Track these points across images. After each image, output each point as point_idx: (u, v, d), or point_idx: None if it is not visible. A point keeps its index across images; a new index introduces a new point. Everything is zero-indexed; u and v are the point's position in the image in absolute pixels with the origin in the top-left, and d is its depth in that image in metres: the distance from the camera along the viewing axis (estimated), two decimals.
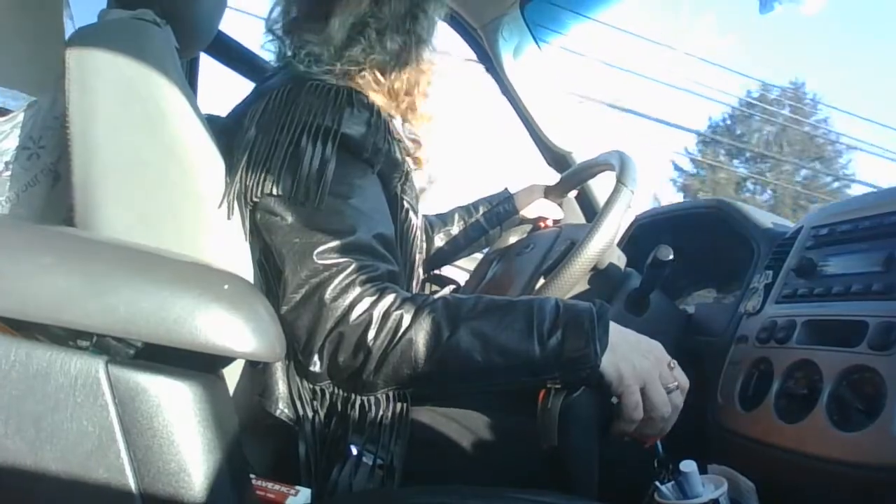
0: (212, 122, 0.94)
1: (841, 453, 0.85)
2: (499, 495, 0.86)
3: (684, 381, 0.87)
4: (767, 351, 1.01)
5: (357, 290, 0.81)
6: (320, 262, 0.81)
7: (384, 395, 0.87)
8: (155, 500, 0.56)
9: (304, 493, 0.77)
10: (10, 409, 0.56)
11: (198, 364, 0.61)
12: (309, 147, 0.85)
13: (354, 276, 0.81)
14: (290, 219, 0.84)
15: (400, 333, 0.80)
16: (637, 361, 0.84)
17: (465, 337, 0.80)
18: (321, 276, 0.81)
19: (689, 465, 0.85)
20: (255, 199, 0.86)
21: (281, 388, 0.86)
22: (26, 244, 0.62)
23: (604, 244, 1.06)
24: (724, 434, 1.04)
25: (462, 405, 0.96)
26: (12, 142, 0.84)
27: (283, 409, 0.85)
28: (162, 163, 0.81)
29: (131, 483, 0.56)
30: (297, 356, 0.84)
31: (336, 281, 0.80)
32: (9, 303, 0.58)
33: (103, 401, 0.56)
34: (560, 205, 1.52)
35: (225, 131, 0.93)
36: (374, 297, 0.81)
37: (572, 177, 1.47)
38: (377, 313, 0.80)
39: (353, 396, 0.87)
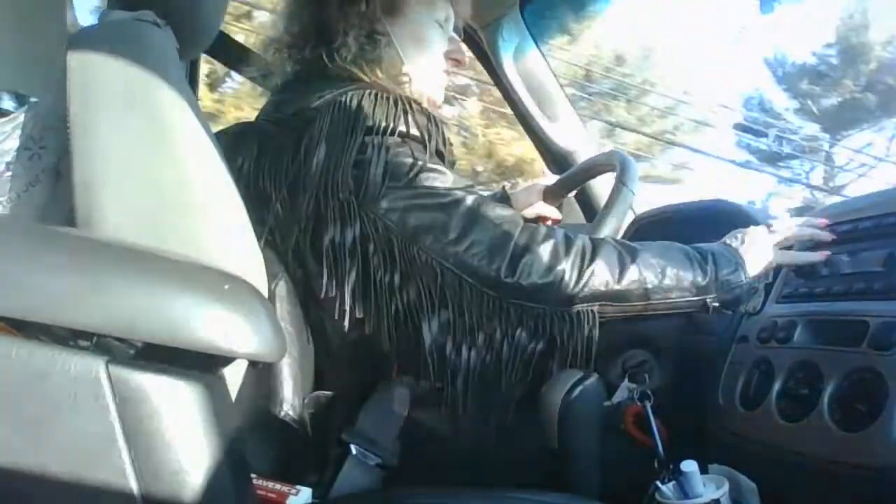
0: (243, 128, 1.00)
1: (842, 454, 0.85)
2: (499, 495, 0.86)
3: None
4: (768, 351, 1.01)
5: (516, 215, 0.96)
6: (469, 196, 0.92)
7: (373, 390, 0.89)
8: (156, 499, 0.56)
9: (305, 492, 0.77)
10: (10, 409, 0.56)
11: (199, 364, 0.61)
12: (391, 144, 0.91)
13: (507, 209, 0.96)
14: (408, 195, 0.91)
15: (588, 255, 0.92)
16: (768, 252, 1.02)
17: (645, 262, 0.94)
18: (475, 202, 0.92)
19: (690, 466, 0.85)
20: (356, 194, 0.90)
21: (287, 390, 0.86)
22: (26, 244, 0.62)
23: None
24: (725, 434, 1.04)
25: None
26: (13, 142, 0.84)
27: (287, 411, 0.86)
28: (163, 163, 0.81)
29: (132, 483, 0.56)
30: (489, 280, 0.90)
31: (492, 204, 0.93)
32: (9, 303, 0.58)
33: (104, 401, 0.56)
34: (560, 206, 1.52)
35: (259, 135, 0.97)
36: (546, 228, 0.94)
37: (572, 177, 1.47)
38: (560, 237, 0.93)
39: (342, 392, 0.89)
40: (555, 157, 1.74)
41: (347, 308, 0.91)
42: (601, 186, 1.60)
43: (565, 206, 1.57)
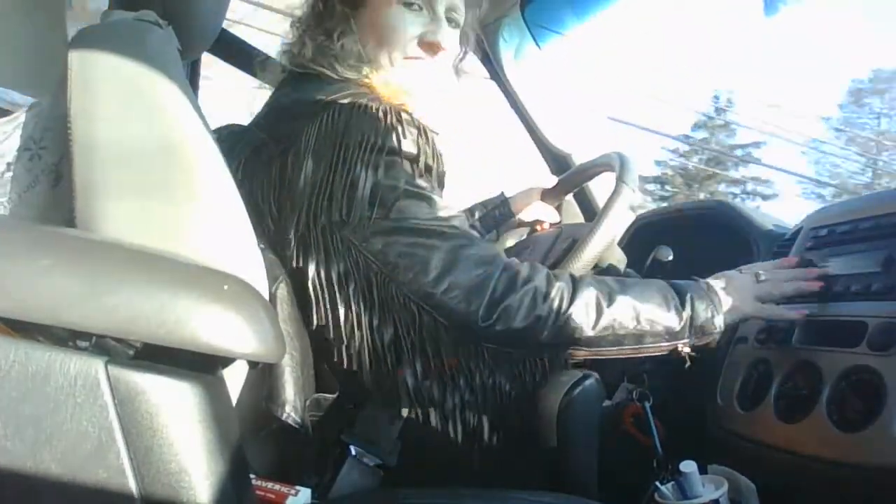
0: (233, 130, 0.96)
1: (840, 454, 0.85)
2: (499, 495, 0.86)
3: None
4: (767, 351, 1.01)
5: (499, 255, 0.91)
6: (450, 232, 0.89)
7: (372, 389, 0.92)
8: (155, 500, 0.56)
9: (305, 493, 0.77)
10: (9, 410, 0.56)
11: (198, 365, 0.61)
12: (369, 163, 0.88)
13: (485, 243, 0.93)
14: (389, 227, 0.88)
15: (566, 301, 0.89)
16: (748, 304, 0.98)
17: (621, 307, 0.91)
18: (456, 241, 0.89)
19: (689, 466, 0.85)
20: (341, 219, 0.88)
21: (288, 392, 0.86)
22: (26, 245, 0.62)
23: (604, 243, 1.06)
24: (724, 435, 1.04)
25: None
26: (14, 143, 0.84)
27: (289, 413, 0.86)
28: (164, 164, 0.81)
29: (131, 484, 0.56)
30: (470, 325, 0.88)
31: (474, 246, 0.90)
32: (8, 303, 0.58)
33: (103, 401, 0.56)
34: (559, 207, 1.52)
35: (248, 140, 0.96)
36: (527, 266, 0.91)
37: (571, 178, 1.47)
38: (540, 281, 0.90)
39: (342, 392, 0.90)
40: (555, 158, 1.74)
41: (343, 335, 0.91)
42: (601, 187, 1.59)
43: (565, 206, 1.57)
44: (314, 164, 0.89)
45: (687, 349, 0.95)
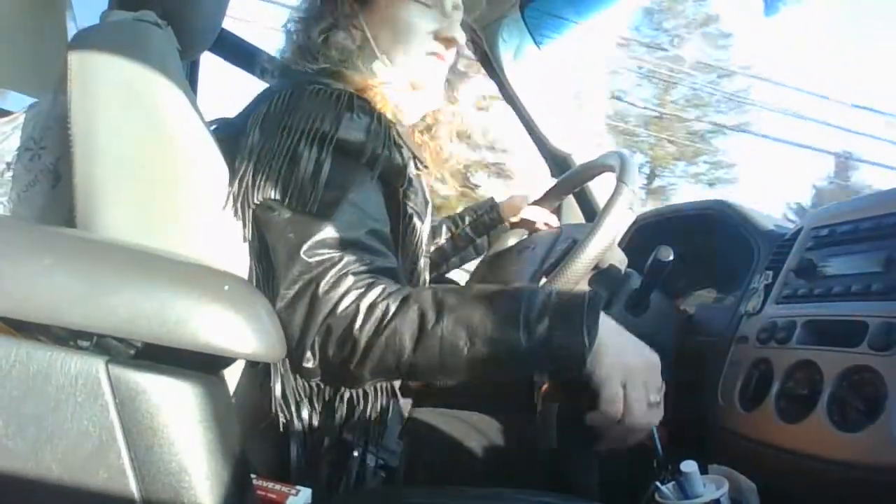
0: (221, 124, 0.95)
1: (841, 454, 0.85)
2: (498, 496, 0.86)
3: (658, 410, 0.85)
4: (768, 351, 1.01)
5: (347, 283, 0.80)
6: (312, 259, 0.80)
7: (372, 389, 0.88)
8: (156, 500, 0.56)
9: (305, 493, 0.77)
10: (10, 409, 0.56)
11: (198, 364, 0.61)
12: (306, 151, 0.85)
13: (345, 270, 0.80)
14: (285, 219, 0.84)
15: (385, 323, 0.78)
16: (627, 359, 0.82)
17: (450, 325, 0.77)
18: (314, 272, 0.80)
19: (689, 466, 0.85)
20: (256, 202, 0.85)
21: (277, 388, 0.86)
22: (27, 245, 0.63)
23: (605, 244, 1.05)
24: (725, 434, 1.04)
25: (462, 405, 0.96)
26: (14, 143, 0.85)
27: (287, 412, 0.86)
28: (163, 164, 0.81)
29: (132, 483, 0.56)
30: (291, 353, 0.81)
31: (328, 275, 0.80)
32: (9, 303, 0.58)
33: (104, 401, 0.56)
34: (559, 207, 1.52)
35: (232, 133, 0.93)
36: (361, 290, 0.80)
37: (571, 179, 1.47)
38: (364, 304, 0.79)
39: (342, 391, 0.87)
40: (554, 159, 1.74)
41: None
42: (601, 187, 1.60)
43: (565, 206, 1.57)
44: (260, 139, 0.87)
45: (546, 386, 0.83)
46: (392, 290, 0.81)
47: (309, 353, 0.79)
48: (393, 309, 0.79)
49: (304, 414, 0.86)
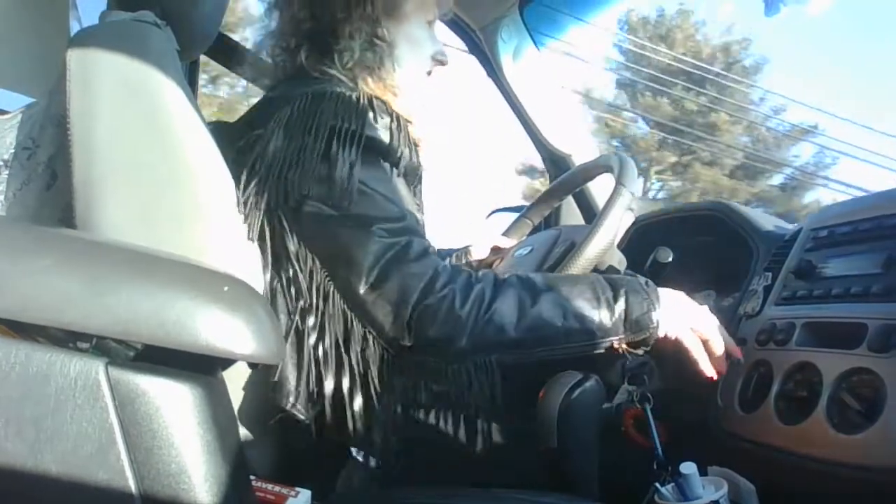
0: (219, 127, 0.95)
1: (840, 455, 0.85)
2: (499, 496, 0.86)
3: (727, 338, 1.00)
4: (767, 353, 1.01)
5: (431, 264, 0.87)
6: (386, 240, 0.86)
7: (373, 389, 0.89)
8: (155, 501, 0.56)
9: (304, 494, 0.77)
10: (9, 411, 0.56)
11: (198, 366, 0.61)
12: (339, 150, 0.88)
13: (423, 249, 0.87)
14: (333, 215, 0.87)
15: (486, 303, 0.86)
16: (684, 308, 0.97)
17: (547, 305, 0.88)
18: (394, 251, 0.86)
19: (689, 467, 0.85)
20: (287, 200, 0.87)
21: (292, 382, 0.86)
22: (26, 245, 0.62)
23: (603, 246, 1.05)
24: (724, 436, 1.04)
25: (462, 405, 0.96)
26: (11, 141, 0.84)
27: (294, 403, 0.85)
28: (162, 164, 0.81)
29: (131, 485, 0.56)
30: (385, 334, 0.87)
31: (409, 255, 0.86)
32: (8, 304, 0.58)
33: (103, 402, 0.56)
34: (558, 208, 1.52)
35: (232, 135, 0.93)
36: (449, 272, 0.87)
37: (570, 179, 1.47)
38: (459, 286, 0.86)
39: (344, 391, 0.88)
40: (553, 159, 1.74)
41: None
42: (600, 188, 1.60)
43: (565, 206, 1.57)
44: (284, 140, 0.89)
45: (624, 345, 0.93)
46: (474, 272, 0.89)
47: (406, 332, 0.85)
48: (490, 290, 0.87)
49: (304, 415, 0.86)
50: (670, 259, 1.09)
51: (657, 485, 0.88)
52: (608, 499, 0.93)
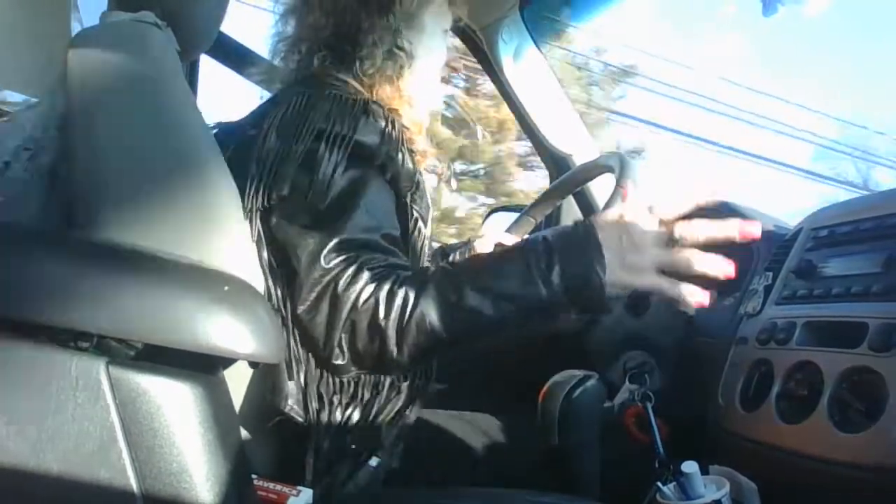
0: (222, 128, 0.95)
1: (842, 454, 0.85)
2: (499, 496, 0.86)
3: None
4: (768, 352, 1.01)
5: (364, 278, 0.82)
6: (330, 263, 0.82)
7: (374, 389, 0.89)
8: (157, 500, 0.56)
9: (306, 493, 0.77)
10: (11, 410, 0.56)
11: (198, 365, 0.61)
12: (325, 153, 0.87)
13: (361, 268, 0.83)
14: (303, 221, 0.86)
15: (409, 309, 0.81)
16: (635, 259, 0.81)
17: (472, 295, 0.81)
18: (332, 274, 0.82)
19: (690, 466, 0.85)
20: (270, 202, 0.87)
21: (290, 385, 0.86)
22: (27, 246, 0.63)
23: None
24: (726, 435, 1.04)
25: (462, 406, 0.96)
26: (12, 142, 0.84)
27: (292, 406, 0.85)
28: (163, 165, 0.81)
29: (133, 483, 0.56)
30: (319, 353, 0.84)
31: (346, 275, 0.82)
32: (10, 304, 0.58)
33: (104, 402, 0.57)
34: (559, 208, 1.52)
35: (236, 136, 0.93)
36: (376, 282, 0.82)
37: (570, 180, 1.47)
38: (382, 295, 0.81)
39: (344, 391, 0.88)
40: (554, 160, 1.74)
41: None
42: (601, 188, 1.60)
43: (565, 207, 1.57)
44: (276, 141, 0.89)
45: (572, 315, 0.86)
46: (405, 276, 0.83)
47: (337, 351, 0.82)
48: (412, 294, 0.81)
49: (305, 414, 0.86)
50: None
51: (659, 484, 0.88)
52: (609, 498, 0.93)
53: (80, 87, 0.79)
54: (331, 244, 0.83)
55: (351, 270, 0.82)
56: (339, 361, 0.82)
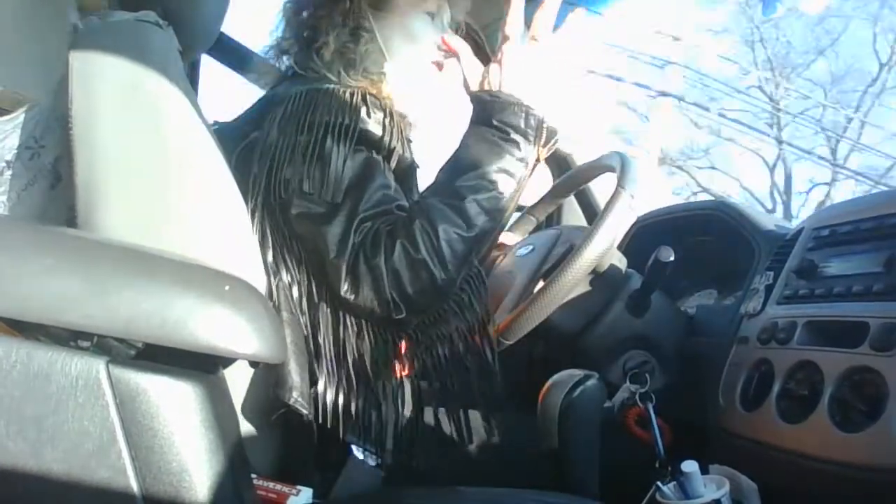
0: (218, 128, 0.95)
1: (842, 454, 0.85)
2: (499, 495, 0.86)
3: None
4: (768, 352, 1.01)
5: (383, 235, 0.88)
6: (357, 239, 0.87)
7: (370, 388, 0.90)
8: (156, 500, 0.56)
9: (306, 493, 0.77)
10: (11, 410, 0.56)
11: (199, 365, 0.61)
12: (333, 146, 0.90)
13: (379, 231, 0.88)
14: (322, 211, 0.89)
15: (430, 231, 0.87)
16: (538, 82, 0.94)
17: (467, 187, 0.89)
18: (360, 247, 0.87)
19: (690, 466, 0.85)
20: (282, 198, 0.89)
21: (295, 378, 0.86)
22: (27, 245, 0.63)
23: (603, 248, 1.03)
24: (726, 435, 1.04)
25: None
26: (14, 141, 0.84)
27: (297, 398, 0.85)
28: (164, 164, 0.81)
29: (133, 483, 0.56)
30: (378, 318, 0.89)
31: (369, 242, 0.87)
32: (10, 303, 0.58)
33: (104, 401, 0.56)
34: (559, 208, 1.52)
35: (232, 136, 0.94)
36: (393, 232, 0.88)
37: (571, 179, 1.46)
38: (403, 236, 0.87)
39: (345, 390, 0.89)
40: (555, 159, 1.74)
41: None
42: (601, 188, 1.59)
43: (566, 206, 1.57)
44: (279, 139, 0.91)
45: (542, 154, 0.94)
46: (407, 214, 0.90)
47: (393, 306, 0.87)
48: (425, 219, 0.88)
49: (306, 414, 0.86)
50: (672, 258, 1.09)
51: (659, 483, 0.88)
52: (609, 497, 0.93)
53: (82, 86, 0.79)
54: (354, 224, 0.88)
55: (371, 236, 0.87)
56: (400, 315, 0.87)
